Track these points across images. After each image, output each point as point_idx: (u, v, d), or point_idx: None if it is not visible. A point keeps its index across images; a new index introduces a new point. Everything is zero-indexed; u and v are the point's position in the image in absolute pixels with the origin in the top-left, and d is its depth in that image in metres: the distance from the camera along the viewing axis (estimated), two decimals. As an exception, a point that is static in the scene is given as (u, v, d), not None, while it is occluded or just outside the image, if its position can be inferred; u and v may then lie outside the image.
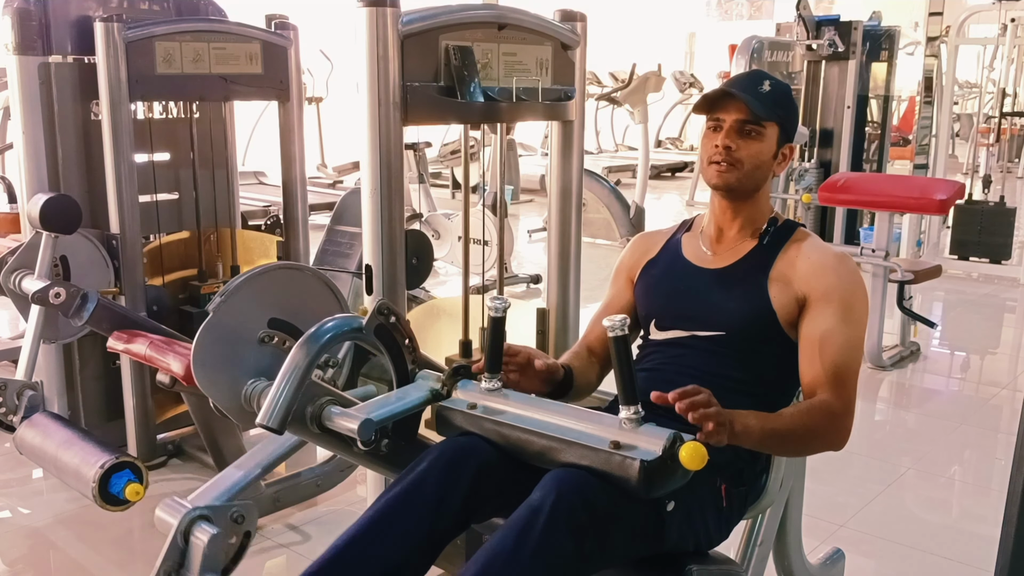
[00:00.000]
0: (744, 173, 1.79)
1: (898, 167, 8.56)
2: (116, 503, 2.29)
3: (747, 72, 1.91)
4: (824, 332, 1.72)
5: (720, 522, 1.72)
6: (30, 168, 2.94)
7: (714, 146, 1.80)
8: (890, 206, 4.40)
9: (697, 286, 1.86)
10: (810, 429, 1.65)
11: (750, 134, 1.78)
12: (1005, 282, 6.38)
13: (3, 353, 3.90)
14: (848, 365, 1.71)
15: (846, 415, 1.69)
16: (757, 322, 1.76)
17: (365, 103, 1.90)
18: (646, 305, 1.93)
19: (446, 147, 8.66)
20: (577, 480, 1.45)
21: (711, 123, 1.82)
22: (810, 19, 5.86)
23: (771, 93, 1.80)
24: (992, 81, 8.72)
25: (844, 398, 1.69)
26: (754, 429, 1.55)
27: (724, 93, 1.80)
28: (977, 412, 3.96)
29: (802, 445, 1.72)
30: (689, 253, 1.92)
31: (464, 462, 1.57)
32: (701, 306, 1.83)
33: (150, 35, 2.86)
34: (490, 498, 1.59)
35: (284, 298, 1.93)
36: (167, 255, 3.27)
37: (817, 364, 1.71)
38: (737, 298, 1.79)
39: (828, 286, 1.75)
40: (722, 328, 1.79)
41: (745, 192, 1.83)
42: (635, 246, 2.03)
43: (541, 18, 2.18)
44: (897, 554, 2.71)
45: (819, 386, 1.70)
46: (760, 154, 1.80)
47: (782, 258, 1.80)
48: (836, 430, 1.69)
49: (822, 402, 1.68)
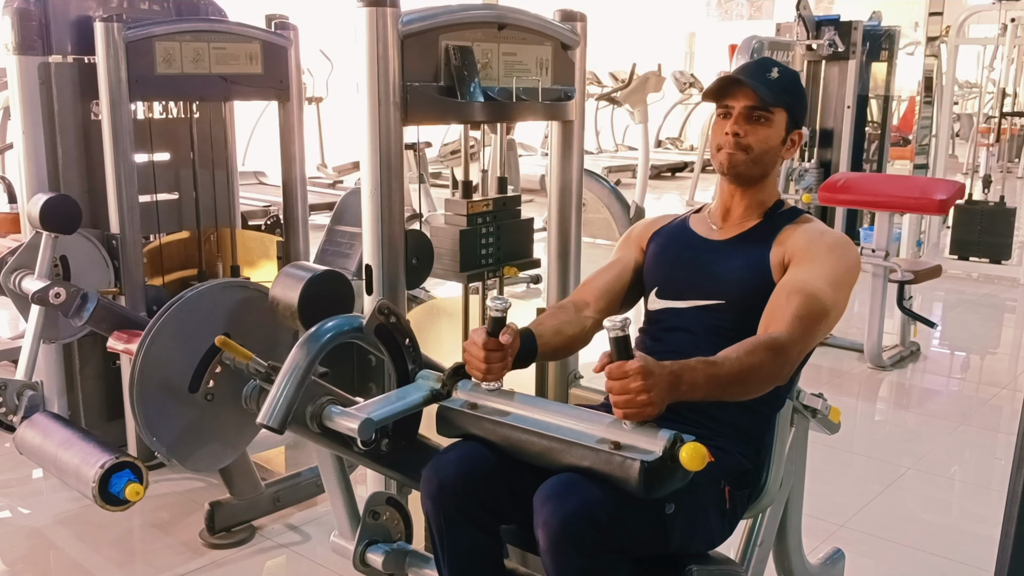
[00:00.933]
0: (752, 158, 1.81)
1: (898, 167, 8.55)
2: (116, 503, 2.28)
3: (756, 59, 1.91)
4: (793, 279, 1.72)
5: (723, 523, 1.72)
6: (30, 168, 2.94)
7: (724, 133, 1.81)
8: (890, 206, 4.41)
9: (700, 255, 1.87)
10: (755, 367, 1.56)
11: (759, 120, 1.80)
12: (1005, 282, 6.38)
13: (3, 353, 3.90)
14: (809, 311, 1.66)
15: (791, 347, 1.61)
16: (756, 290, 1.75)
17: (365, 103, 1.90)
18: (650, 271, 1.94)
19: (446, 147, 8.65)
20: (577, 499, 1.44)
21: (720, 110, 1.83)
22: (810, 19, 5.86)
23: (779, 79, 1.82)
24: (992, 81, 8.73)
25: (792, 334, 1.62)
26: (700, 383, 1.49)
27: (732, 80, 1.81)
28: (977, 412, 3.96)
29: (747, 386, 1.59)
30: (696, 227, 1.94)
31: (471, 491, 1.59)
32: (703, 274, 1.84)
33: (150, 35, 2.86)
34: (501, 502, 1.61)
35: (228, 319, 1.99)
36: (167, 255, 3.27)
37: (777, 304, 1.68)
38: (739, 267, 1.80)
39: (812, 245, 1.76)
40: (722, 296, 1.79)
41: (753, 177, 1.84)
42: (646, 220, 2.05)
43: (541, 18, 2.18)
44: (897, 554, 2.71)
45: (772, 323, 1.66)
46: (768, 139, 1.81)
47: (784, 232, 1.82)
48: (779, 364, 1.60)
49: (768, 337, 1.62)
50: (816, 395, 1.87)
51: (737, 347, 1.58)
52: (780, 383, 1.64)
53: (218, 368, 2.15)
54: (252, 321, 2.24)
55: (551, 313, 1.90)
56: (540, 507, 1.47)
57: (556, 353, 1.90)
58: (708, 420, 1.72)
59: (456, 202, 2.27)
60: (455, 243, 2.22)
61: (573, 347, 1.93)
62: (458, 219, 2.26)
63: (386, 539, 1.82)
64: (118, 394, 3.05)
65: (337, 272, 1.94)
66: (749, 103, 1.80)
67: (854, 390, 4.24)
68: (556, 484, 1.48)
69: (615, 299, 1.94)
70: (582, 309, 1.90)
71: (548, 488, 1.48)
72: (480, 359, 1.64)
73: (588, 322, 1.89)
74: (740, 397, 1.60)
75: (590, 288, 1.95)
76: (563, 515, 1.43)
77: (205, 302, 2.23)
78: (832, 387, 4.17)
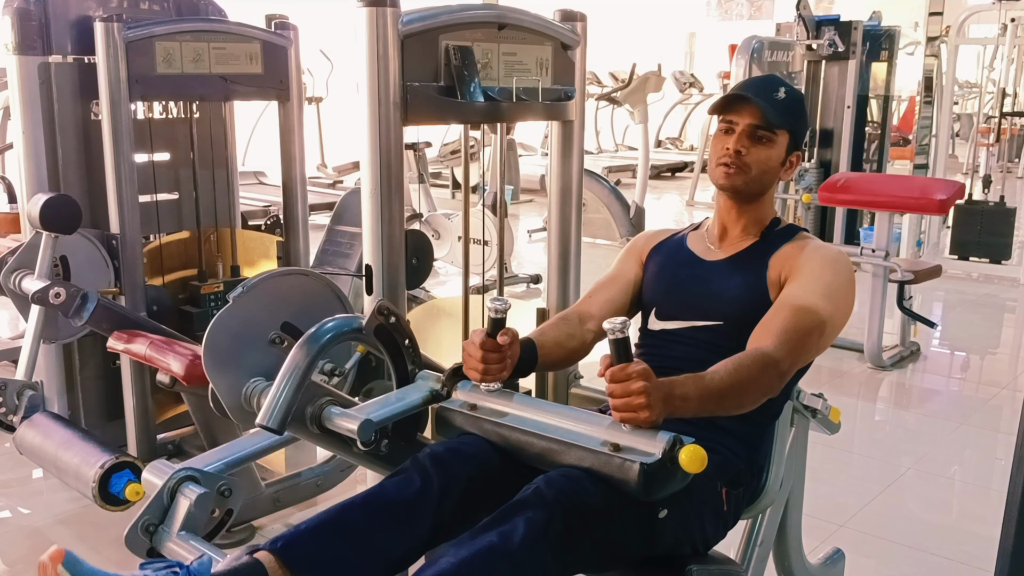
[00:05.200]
0: (751, 178, 1.81)
1: (898, 167, 8.55)
2: (116, 503, 2.29)
3: (763, 76, 1.92)
4: (787, 294, 1.72)
5: (718, 524, 1.72)
6: (30, 168, 2.94)
7: (724, 148, 1.80)
8: (890, 206, 4.40)
9: (698, 275, 1.87)
10: (744, 381, 1.56)
11: (761, 140, 1.79)
12: (1005, 282, 6.38)
13: (3, 353, 3.90)
14: (799, 325, 1.66)
15: (781, 361, 1.61)
16: (755, 310, 1.75)
17: (365, 103, 1.90)
18: (648, 290, 1.94)
19: (446, 147, 8.65)
20: (565, 484, 1.44)
21: (723, 124, 1.82)
22: (810, 19, 5.86)
23: (785, 100, 1.81)
24: (992, 81, 8.73)
25: (780, 348, 1.62)
26: (692, 397, 1.49)
27: (739, 96, 1.80)
28: (977, 412, 3.96)
29: (740, 399, 1.59)
30: (693, 246, 1.94)
31: (459, 463, 1.57)
32: (701, 294, 1.83)
33: (150, 35, 2.85)
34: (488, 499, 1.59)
35: (299, 303, 1.93)
36: (167, 255, 3.27)
37: (769, 320, 1.68)
38: (736, 286, 1.80)
39: (808, 262, 1.76)
40: (720, 317, 1.79)
41: (750, 195, 1.84)
42: (646, 233, 2.05)
43: (541, 18, 2.17)
44: (897, 554, 2.71)
45: (761, 337, 1.66)
46: (769, 160, 1.81)
47: (781, 251, 1.81)
48: (770, 377, 1.60)
49: (756, 351, 1.62)
50: (816, 395, 1.87)
51: (726, 362, 1.58)
52: (773, 395, 1.64)
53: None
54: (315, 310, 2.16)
55: (554, 323, 1.90)
56: (529, 489, 1.46)
57: (556, 364, 1.91)
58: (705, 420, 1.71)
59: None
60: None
61: (573, 359, 1.93)
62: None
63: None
64: (118, 394, 3.05)
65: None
66: (753, 121, 1.79)
67: (854, 390, 4.24)
68: (553, 474, 1.48)
69: (619, 314, 1.93)
70: (586, 322, 1.90)
71: (540, 479, 1.47)
72: (478, 359, 1.63)
73: (590, 335, 1.89)
74: (733, 411, 1.60)
75: (595, 302, 1.95)
76: (547, 496, 1.43)
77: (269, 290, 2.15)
78: (832, 387, 4.17)
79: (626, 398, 1.41)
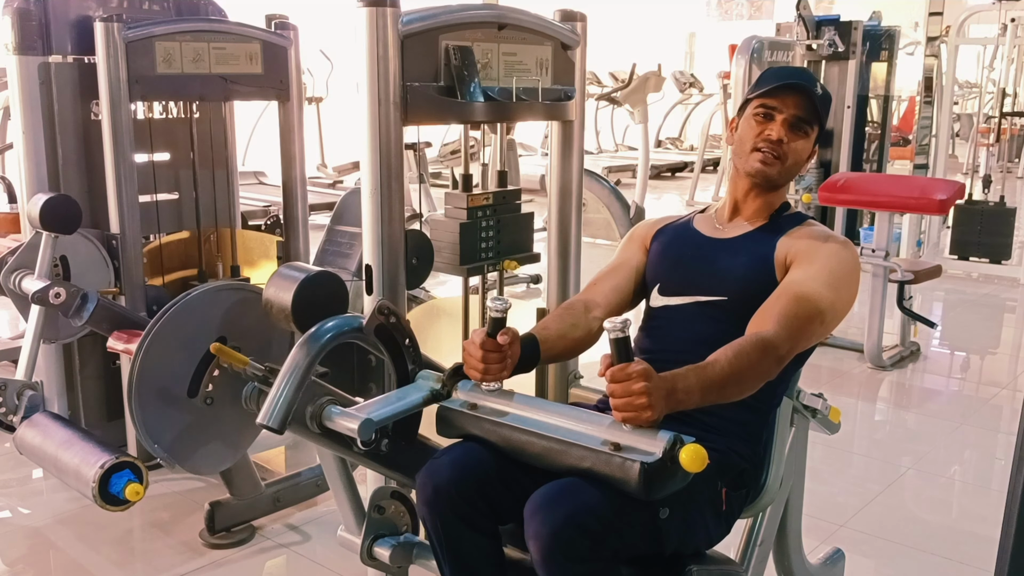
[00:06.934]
0: (785, 168, 1.81)
1: (898, 167, 8.54)
2: (116, 503, 2.28)
3: (799, 68, 1.91)
4: (789, 280, 1.72)
5: (719, 523, 1.72)
6: (30, 168, 2.94)
7: (765, 134, 1.79)
8: (890, 206, 4.40)
9: (704, 253, 1.87)
10: (744, 368, 1.56)
11: (800, 131, 1.79)
12: (1005, 282, 6.38)
13: (3, 353, 3.90)
14: (800, 311, 1.66)
15: (780, 345, 1.61)
16: (759, 288, 1.75)
17: (365, 103, 1.90)
18: (652, 268, 1.93)
19: (446, 147, 8.65)
20: (567, 508, 1.44)
21: (762, 109, 1.80)
22: (810, 19, 5.86)
23: (823, 95, 1.81)
24: (992, 81, 8.72)
25: (780, 333, 1.61)
26: (695, 389, 1.49)
27: (790, 84, 1.78)
28: (977, 412, 3.96)
29: (741, 385, 1.58)
30: (700, 227, 1.94)
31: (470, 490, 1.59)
32: (706, 271, 1.83)
33: (150, 35, 2.86)
34: (498, 504, 1.60)
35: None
36: (167, 255, 3.27)
37: (771, 306, 1.68)
38: (742, 265, 1.80)
39: (813, 248, 1.76)
40: (724, 293, 1.79)
41: (777, 186, 1.85)
42: (649, 220, 2.05)
43: (541, 18, 2.17)
44: (897, 554, 2.71)
45: (761, 322, 1.65)
46: (802, 152, 1.82)
47: (789, 234, 1.81)
48: (769, 362, 1.60)
49: (756, 336, 1.61)
50: (816, 395, 1.87)
51: (725, 349, 1.58)
52: (770, 379, 1.64)
53: (216, 371, 2.14)
54: (250, 322, 2.23)
55: (558, 315, 1.88)
56: (530, 518, 1.46)
57: (560, 356, 1.89)
58: (705, 415, 1.71)
59: (456, 195, 2.27)
60: (455, 236, 2.22)
61: (579, 349, 1.90)
62: (458, 212, 2.26)
63: (392, 532, 1.82)
64: (118, 394, 3.05)
65: (331, 273, 1.92)
66: (798, 112, 1.77)
67: (854, 390, 4.24)
68: (545, 494, 1.47)
69: (624, 301, 1.93)
70: (591, 310, 1.89)
71: (537, 498, 1.47)
72: (478, 359, 1.63)
73: (595, 324, 1.87)
74: (734, 398, 1.60)
75: (599, 290, 1.94)
76: (553, 526, 1.42)
77: (201, 306, 2.22)
78: (832, 387, 4.17)
79: (627, 398, 1.41)
